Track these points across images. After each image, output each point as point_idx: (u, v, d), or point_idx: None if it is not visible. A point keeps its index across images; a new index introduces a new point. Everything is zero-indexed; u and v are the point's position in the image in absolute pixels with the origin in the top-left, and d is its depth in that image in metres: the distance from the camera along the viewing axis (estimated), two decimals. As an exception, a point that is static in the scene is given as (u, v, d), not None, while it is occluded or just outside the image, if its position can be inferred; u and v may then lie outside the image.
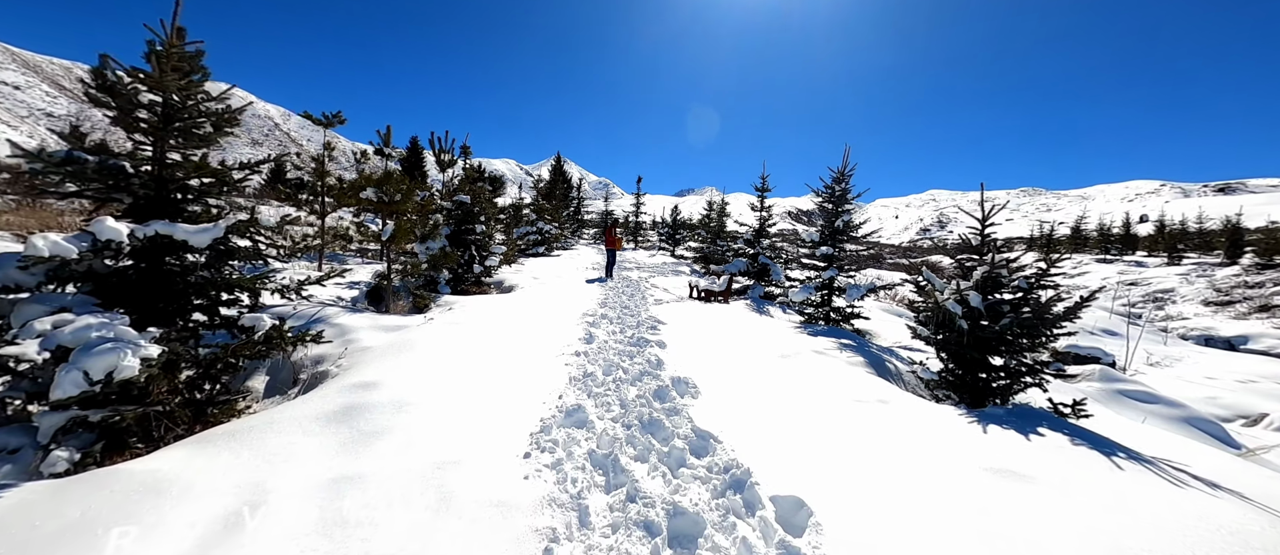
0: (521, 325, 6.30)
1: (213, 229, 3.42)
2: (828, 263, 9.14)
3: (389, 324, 5.62)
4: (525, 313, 7.21)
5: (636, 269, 16.92)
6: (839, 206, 9.26)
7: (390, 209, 6.90)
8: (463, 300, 7.82)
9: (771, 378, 4.88)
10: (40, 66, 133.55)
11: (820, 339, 6.98)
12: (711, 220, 22.84)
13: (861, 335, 8.89)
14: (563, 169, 46.27)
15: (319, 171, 9.87)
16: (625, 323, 7.21)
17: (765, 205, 13.35)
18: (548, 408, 3.58)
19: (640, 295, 10.37)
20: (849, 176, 9.19)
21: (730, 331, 7.13)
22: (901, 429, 3.62)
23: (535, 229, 21.57)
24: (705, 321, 7.85)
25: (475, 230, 9.37)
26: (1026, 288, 4.94)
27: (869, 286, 8.27)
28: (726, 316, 8.58)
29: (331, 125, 10.17)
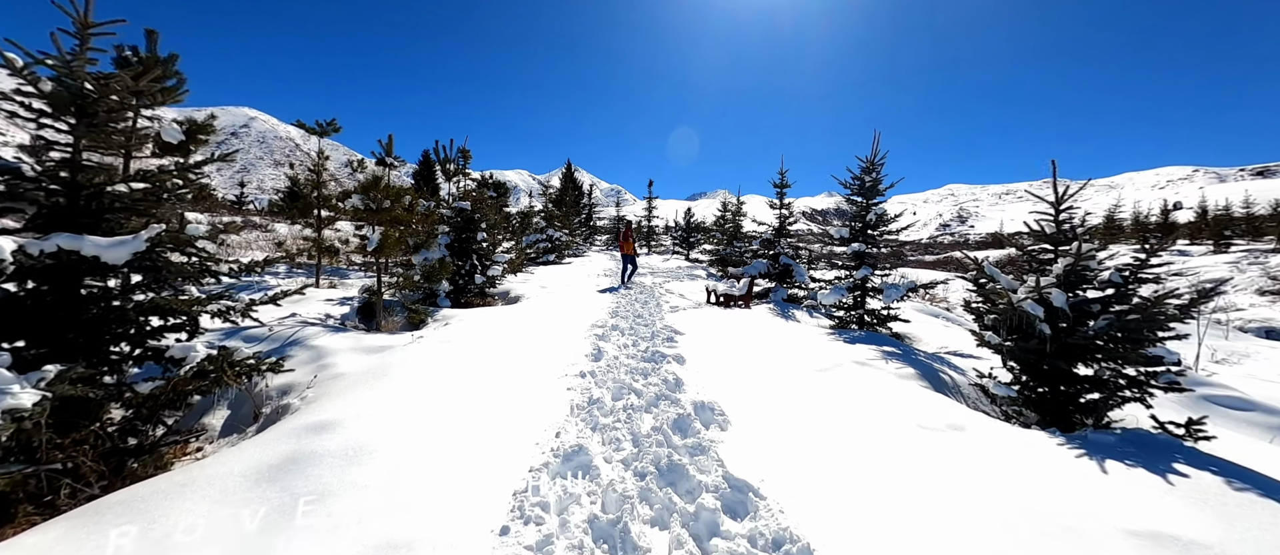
0: (522, 341, 5.63)
1: (131, 242, 2.81)
2: (859, 261, 8.30)
3: (373, 344, 5.00)
4: (528, 326, 6.55)
5: (650, 274, 16.21)
6: (870, 199, 8.42)
7: (378, 218, 6.32)
8: (462, 314, 7.20)
9: (812, 398, 4.11)
10: None
11: (859, 347, 6.16)
12: (726, 222, 22.04)
13: (901, 340, 8.02)
14: (573, 176, 45.94)
15: (314, 182, 9.41)
16: (638, 334, 6.49)
17: (785, 202, 12.54)
18: (541, 451, 2.87)
19: (654, 302, 9.64)
20: (880, 166, 8.36)
21: (755, 340, 6.36)
22: (991, 469, 2.82)
23: (545, 236, 21.02)
24: (726, 330, 7.09)
25: (477, 239, 8.77)
26: (1119, 282, 4.08)
27: (908, 286, 7.42)
28: (749, 323, 7.80)
29: (326, 133, 9.71)
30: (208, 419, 4.01)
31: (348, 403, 3.44)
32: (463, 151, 9.33)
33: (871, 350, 5.98)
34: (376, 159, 13.06)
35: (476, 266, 8.80)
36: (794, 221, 12.64)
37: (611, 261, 21.44)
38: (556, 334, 6.11)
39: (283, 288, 5.49)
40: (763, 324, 7.79)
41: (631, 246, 12.52)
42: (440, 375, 4.16)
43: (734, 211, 17.96)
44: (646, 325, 7.16)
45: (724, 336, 6.55)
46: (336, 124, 9.75)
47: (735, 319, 8.15)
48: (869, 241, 8.29)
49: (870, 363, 5.32)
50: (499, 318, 7.03)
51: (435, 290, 8.29)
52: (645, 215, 31.93)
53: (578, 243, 28.74)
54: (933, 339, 8.25)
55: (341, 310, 6.91)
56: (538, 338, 5.85)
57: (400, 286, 6.53)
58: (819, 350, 5.86)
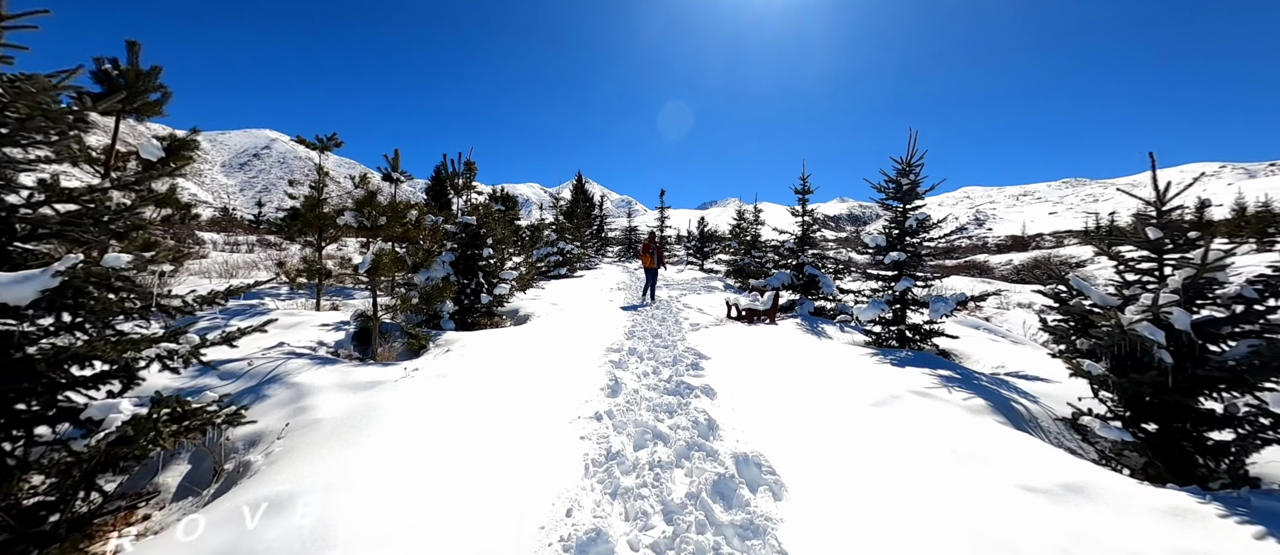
0: (529, 371, 5.00)
1: (37, 277, 2.25)
2: (898, 271, 7.55)
3: (360, 380, 4.42)
4: (537, 351, 5.93)
5: (666, 287, 15.55)
6: (907, 203, 7.69)
7: (374, 234, 5.79)
8: (466, 337, 6.62)
9: (875, 444, 3.41)
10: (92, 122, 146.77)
11: (911, 371, 5.41)
12: (743, 230, 21.35)
13: (948, 358, 7.23)
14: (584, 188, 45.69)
15: (313, 200, 8.98)
16: (659, 358, 5.83)
17: (807, 209, 11.83)
18: (548, 542, 2.22)
19: (673, 319, 8.98)
20: (918, 167, 7.63)
21: (791, 364, 5.65)
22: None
23: (556, 249, 20.53)
24: (756, 351, 6.39)
25: (483, 255, 8.22)
26: (1252, 298, 3.34)
27: (958, 299, 6.65)
28: (779, 342, 7.09)
29: (327, 149, 9.31)
30: (164, 476, 3.44)
31: (315, 466, 2.83)
32: (468, 164, 8.84)
33: (927, 375, 5.23)
34: (383, 174, 12.70)
35: (483, 285, 8.24)
36: (817, 229, 11.92)
37: (624, 274, 20.84)
38: (568, 361, 5.48)
39: (270, 317, 4.96)
40: (794, 343, 7.08)
41: (653, 260, 11.78)
42: (430, 422, 3.54)
43: (753, 218, 17.26)
44: (667, 347, 6.49)
45: (755, 360, 5.86)
46: (338, 138, 9.34)
47: (763, 338, 7.44)
48: (908, 250, 7.54)
49: (931, 392, 4.58)
50: (505, 342, 6.43)
51: (438, 312, 7.74)
52: (658, 224, 31.35)
53: (589, 255, 28.24)
54: (983, 356, 7.44)
55: (337, 336, 6.37)
56: (547, 366, 5.22)
57: (398, 309, 5.97)
58: (867, 376, 5.13)
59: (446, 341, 6.52)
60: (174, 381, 4.32)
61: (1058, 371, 6.18)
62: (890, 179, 7.82)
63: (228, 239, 26.31)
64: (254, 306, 8.34)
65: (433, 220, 8.83)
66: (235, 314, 7.54)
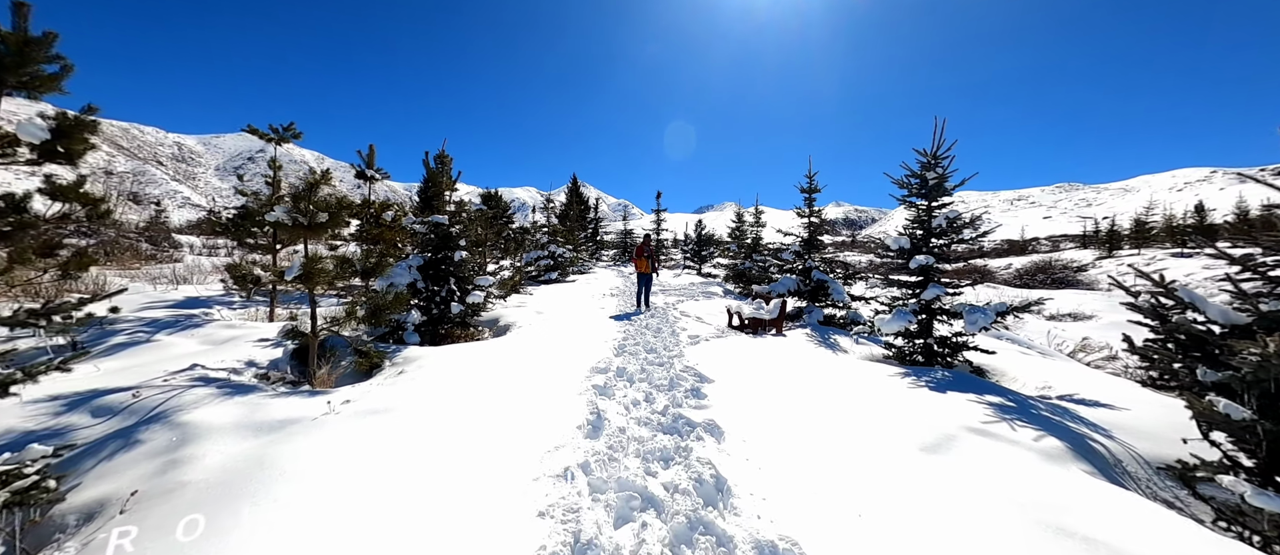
0: (492, 401, 4.07)
1: None
2: (924, 277, 6.67)
3: (272, 417, 3.47)
4: (508, 373, 5.00)
5: (662, 292, 14.64)
6: (933, 200, 6.82)
7: (312, 234, 4.86)
8: (429, 355, 5.68)
9: (941, 517, 2.50)
10: (100, 128, 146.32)
11: (954, 397, 4.52)
12: (743, 233, 20.49)
13: (982, 375, 6.35)
14: (579, 190, 44.88)
15: (271, 199, 8.02)
16: (653, 379, 4.91)
17: (814, 210, 10.96)
18: None
19: (669, 330, 8.06)
20: (945, 160, 6.77)
21: (811, 388, 4.74)
22: None
23: (547, 253, 19.59)
24: (767, 370, 5.48)
25: (454, 259, 7.28)
26: None
27: (998, 308, 5.76)
28: (792, 358, 6.18)
29: (284, 140, 8.36)
30: (-35, 563, 2.48)
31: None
32: (440, 157, 7.91)
33: (975, 403, 4.33)
34: (357, 171, 11.76)
35: (454, 292, 7.30)
36: (825, 231, 11.05)
37: (619, 278, 19.93)
38: (543, 386, 4.55)
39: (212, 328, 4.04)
40: (809, 359, 6.17)
41: (647, 265, 10.86)
42: (340, 485, 2.60)
43: (754, 220, 16.39)
44: (662, 365, 5.57)
45: (767, 383, 4.94)
46: (296, 129, 8.40)
47: (772, 352, 6.54)
48: (936, 253, 6.67)
49: (989, 429, 3.68)
50: (474, 360, 5.49)
51: (401, 323, 6.80)
52: (655, 228, 30.46)
53: (583, 259, 27.30)
54: (1019, 372, 6.55)
55: (275, 353, 5.41)
56: (516, 394, 4.29)
57: (344, 323, 5.03)
58: (906, 406, 4.22)
59: (404, 360, 5.58)
60: (28, 419, 3.36)
61: (1110, 390, 5.32)
62: (913, 173, 6.95)
63: (207, 242, 25.25)
64: (194, 318, 7.36)
65: (411, 221, 7.88)
66: (166, 327, 6.56)
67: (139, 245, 20.83)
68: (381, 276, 5.90)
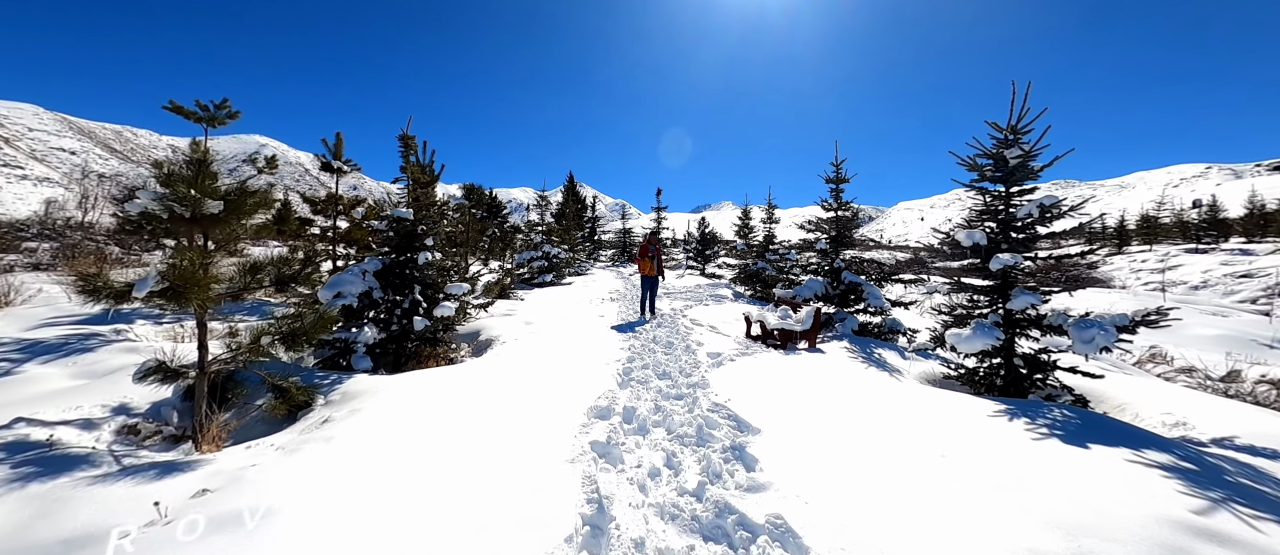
0: (441, 482, 2.69)
1: None
2: (1006, 281, 5.33)
3: (53, 536, 2.09)
4: (475, 420, 3.62)
5: (666, 296, 13.27)
6: (1013, 186, 5.48)
7: (195, 229, 3.48)
8: (375, 389, 4.30)
9: None
10: (93, 132, 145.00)
11: (1103, 453, 3.16)
12: (750, 230, 19.15)
13: (1084, 405, 5.01)
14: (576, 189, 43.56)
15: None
16: (674, 428, 3.56)
17: (843, 203, 9.61)
18: None
19: (683, 345, 6.70)
20: (1024, 133, 5.42)
21: (899, 445, 3.37)
22: None
23: (541, 253, 18.19)
24: (821, 407, 4.12)
25: (417, 263, 5.89)
26: None
27: (1120, 322, 4.41)
28: (844, 387, 4.82)
29: (217, 121, 6.94)
30: None
31: None
32: (404, 137, 6.52)
33: (1140, 464, 2.98)
34: (322, 163, 10.37)
35: (420, 302, 5.90)
36: (855, 225, 9.71)
37: (619, 281, 18.56)
38: (521, 443, 3.17)
39: None
40: (867, 389, 4.80)
41: (652, 267, 9.35)
42: None
43: (764, 217, 14.98)
44: (683, 401, 4.21)
45: (830, 431, 3.57)
46: (231, 107, 6.97)
47: (816, 377, 5.17)
48: (1021, 250, 5.33)
49: (1222, 530, 2.32)
50: (432, 397, 4.11)
51: (350, 344, 5.40)
52: (656, 227, 29.13)
53: (580, 260, 25.92)
54: (1130, 399, 5.21)
55: (164, 393, 4.02)
56: (480, 460, 2.91)
57: (252, 352, 3.63)
58: (1056, 479, 2.83)
59: (342, 397, 4.19)
60: None
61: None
62: (986, 152, 5.60)
63: (178, 245, 23.72)
64: (95, 337, 5.94)
65: (384, 215, 6.44)
66: (48, 351, 5.14)
67: (106, 248, 19.34)
68: (317, 286, 4.51)
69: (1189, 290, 28.43)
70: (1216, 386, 8.01)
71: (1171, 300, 24.31)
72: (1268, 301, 23.15)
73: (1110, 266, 37.79)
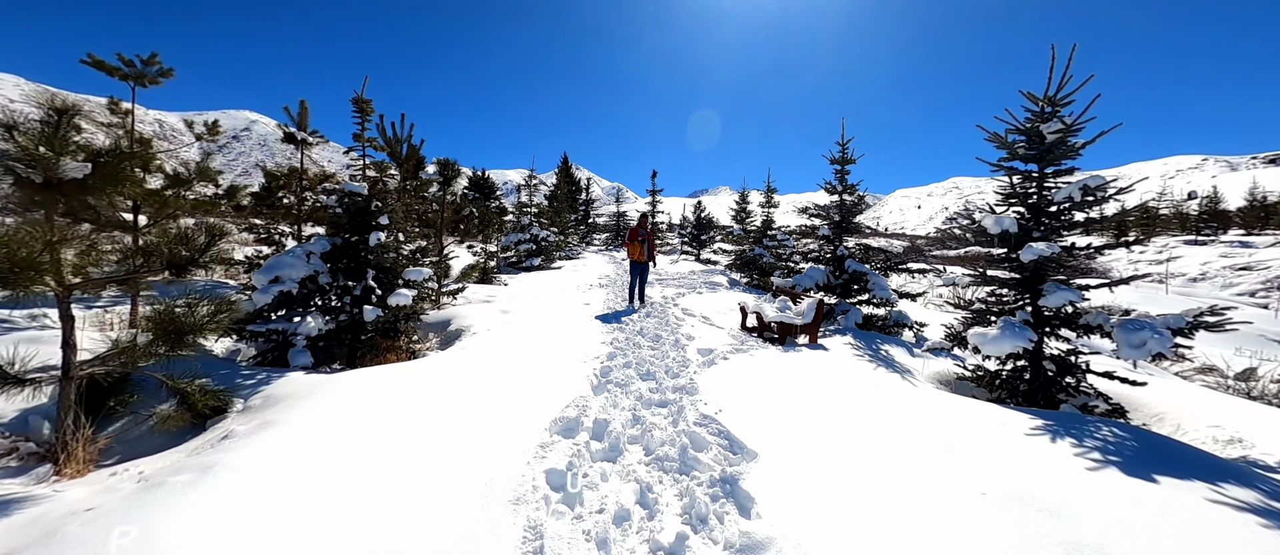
0: (342, 529, 2.05)
1: None
2: (1038, 273, 4.70)
3: None
4: (411, 436, 2.97)
5: (659, 282, 12.62)
6: (1048, 164, 4.81)
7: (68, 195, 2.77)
8: (306, 392, 3.64)
9: None
10: (77, 106, 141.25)
11: (1171, 487, 2.56)
12: (747, 215, 18.44)
13: (1123, 417, 4.43)
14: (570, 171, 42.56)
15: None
16: (652, 448, 2.93)
17: (848, 186, 8.92)
18: None
19: (671, 339, 6.07)
20: (1063, 105, 4.73)
21: (921, 470, 2.77)
22: None
23: (528, 236, 17.43)
24: (828, 418, 3.50)
25: (369, 244, 5.18)
26: None
27: (1172, 323, 3.79)
28: (853, 392, 4.21)
29: (146, 79, 6.12)
30: None
31: None
32: (356, 100, 5.75)
33: (1235, 507, 2.38)
34: (285, 134, 9.55)
35: (374, 289, 5.21)
36: (860, 211, 9.04)
37: (610, 265, 17.88)
38: (455, 479, 2.53)
39: None
40: (878, 394, 4.18)
41: (642, 251, 8.61)
42: None
43: (764, 201, 14.25)
44: (666, 408, 3.58)
45: (840, 453, 2.95)
46: (161, 64, 6.14)
47: (819, 378, 4.55)
48: (1054, 230, 4.69)
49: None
50: (367, 407, 3.45)
51: (288, 336, 4.72)
52: (650, 210, 28.33)
53: (571, 244, 25.15)
54: (1169, 408, 4.63)
55: (40, 399, 3.33)
56: (398, 504, 2.27)
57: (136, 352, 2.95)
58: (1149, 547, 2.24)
59: (264, 401, 3.54)
60: None
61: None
62: (1018, 127, 4.91)
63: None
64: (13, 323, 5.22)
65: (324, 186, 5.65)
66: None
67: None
68: (235, 269, 3.80)
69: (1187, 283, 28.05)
70: (1238, 387, 7.49)
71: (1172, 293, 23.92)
72: (1266, 294, 22.76)
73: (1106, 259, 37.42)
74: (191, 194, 6.42)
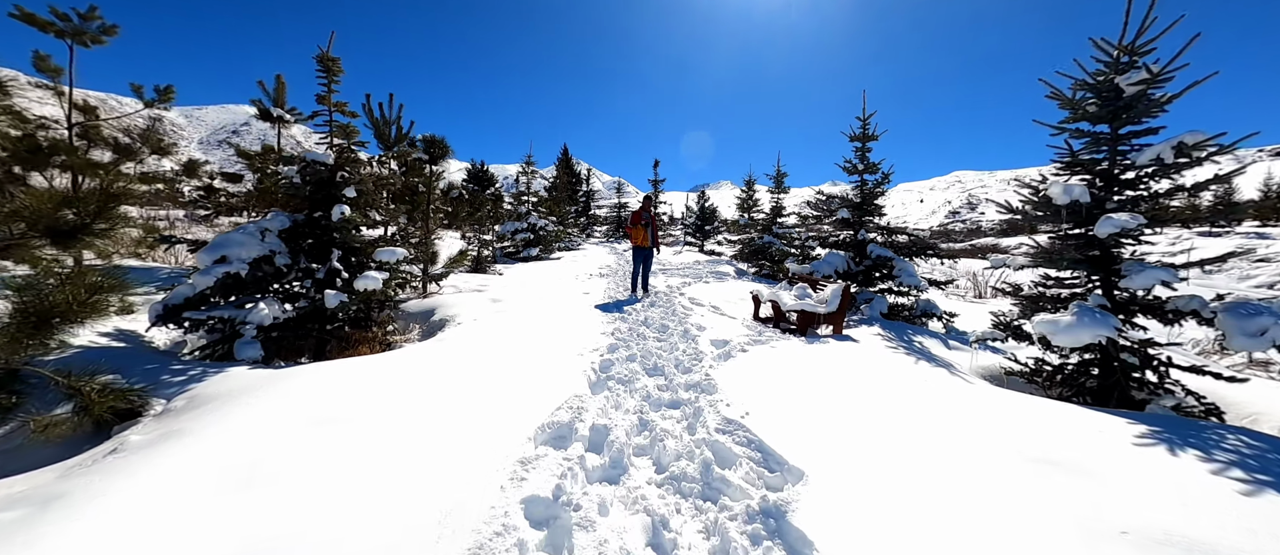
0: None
1: None
2: (1112, 250, 4.01)
3: None
4: (357, 453, 2.31)
5: (662, 272, 11.94)
6: (1123, 125, 4.11)
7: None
8: (249, 388, 2.99)
9: None
10: (76, 102, 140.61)
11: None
12: (753, 204, 17.72)
13: (1218, 417, 3.76)
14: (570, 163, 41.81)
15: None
16: (666, 466, 2.27)
17: (870, 163, 8.20)
18: None
19: (679, 327, 5.40)
20: (1144, 53, 4.03)
21: (1070, 526, 2.11)
22: None
23: (526, 225, 16.74)
24: (899, 438, 2.84)
25: (331, 220, 4.49)
26: None
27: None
28: (901, 392, 3.53)
29: (82, 40, 5.41)
30: None
31: None
32: (321, 58, 5.04)
33: None
34: (260, 111, 8.87)
35: (340, 272, 4.53)
36: (881, 193, 8.33)
37: (611, 255, 17.20)
38: (404, 519, 1.87)
39: None
40: (942, 398, 3.51)
41: (646, 236, 7.88)
42: None
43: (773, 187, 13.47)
44: (681, 413, 2.90)
45: (931, 487, 2.29)
46: (103, 21, 5.42)
47: (856, 376, 3.87)
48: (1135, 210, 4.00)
49: None
50: (314, 410, 2.79)
51: (235, 326, 4.05)
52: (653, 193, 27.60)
53: (571, 234, 24.43)
54: (1271, 409, 3.95)
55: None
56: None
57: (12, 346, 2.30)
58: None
59: (190, 402, 2.88)
60: None
61: None
62: (1085, 83, 4.20)
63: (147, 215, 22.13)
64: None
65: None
66: None
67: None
68: (132, 243, 3.14)
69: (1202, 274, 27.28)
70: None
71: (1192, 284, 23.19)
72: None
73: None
74: (143, 168, 5.75)
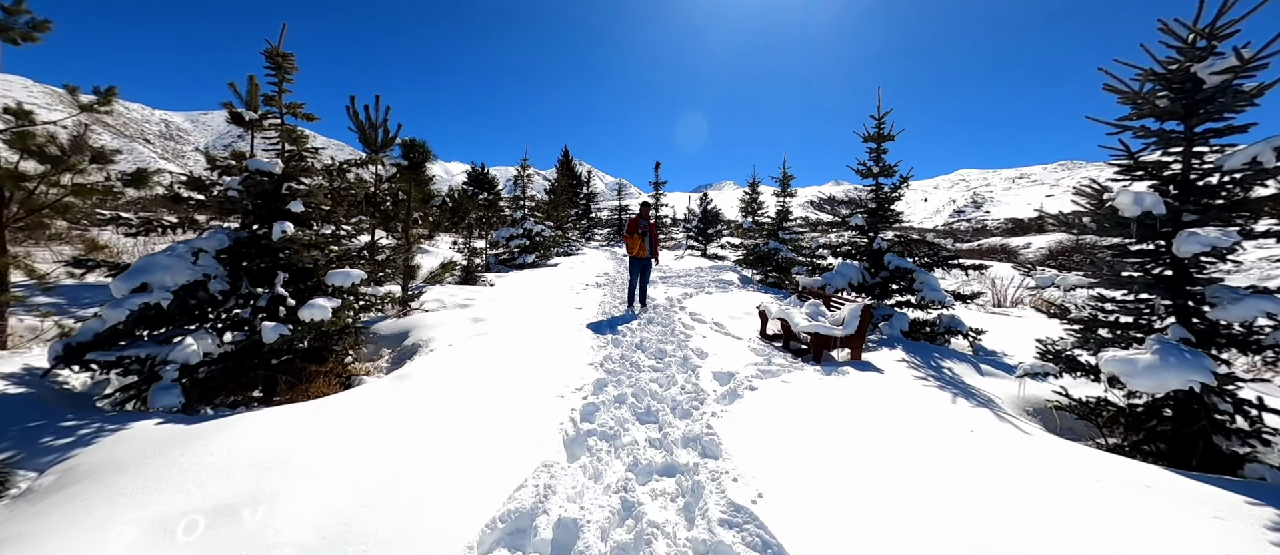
0: None
1: None
2: (1184, 274, 3.36)
3: None
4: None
5: (663, 280, 11.32)
6: (1208, 118, 3.46)
7: None
8: (140, 457, 2.41)
9: None
10: (88, 107, 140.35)
11: None
12: (757, 206, 17.08)
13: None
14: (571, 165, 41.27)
15: None
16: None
17: (884, 165, 7.55)
18: None
19: (678, 354, 4.77)
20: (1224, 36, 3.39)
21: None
22: None
23: (521, 231, 16.15)
24: (962, 534, 2.22)
25: (273, 239, 3.89)
26: None
27: None
28: (957, 452, 2.90)
29: (10, 36, 4.84)
30: None
31: None
32: (269, 53, 4.47)
33: None
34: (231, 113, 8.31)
35: (284, 298, 3.92)
36: (896, 198, 7.68)
37: (611, 262, 16.61)
38: None
39: None
40: (997, 455, 2.86)
41: (643, 246, 7.25)
42: None
43: (779, 188, 12.82)
44: (675, 483, 2.27)
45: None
46: (34, 16, 4.86)
47: (902, 431, 3.23)
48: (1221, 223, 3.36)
49: None
50: (191, 497, 2.19)
51: (153, 367, 3.45)
52: (654, 199, 26.99)
53: (570, 239, 23.84)
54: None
55: None
56: None
57: None
58: None
59: (63, 476, 2.31)
60: None
61: None
62: (1154, 74, 3.56)
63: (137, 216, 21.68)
64: None
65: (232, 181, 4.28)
66: None
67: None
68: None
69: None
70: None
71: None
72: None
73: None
74: (79, 179, 5.19)
